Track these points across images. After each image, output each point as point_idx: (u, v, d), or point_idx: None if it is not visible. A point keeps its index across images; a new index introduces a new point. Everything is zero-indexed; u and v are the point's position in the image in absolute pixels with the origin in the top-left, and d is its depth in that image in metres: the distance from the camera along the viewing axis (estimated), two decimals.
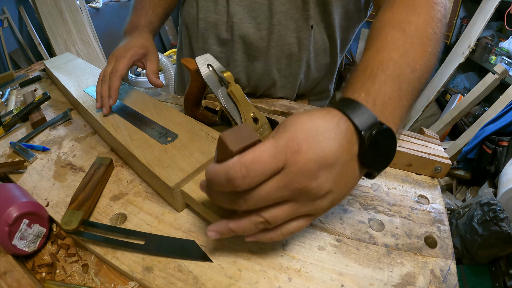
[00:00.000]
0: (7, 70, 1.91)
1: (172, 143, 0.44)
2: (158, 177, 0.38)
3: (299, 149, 0.24)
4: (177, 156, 0.41)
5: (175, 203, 0.39)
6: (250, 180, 0.24)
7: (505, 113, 1.40)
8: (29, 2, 1.93)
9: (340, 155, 0.26)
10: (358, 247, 0.36)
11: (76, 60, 0.74)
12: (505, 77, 1.63)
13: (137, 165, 0.44)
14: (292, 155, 0.24)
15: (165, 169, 0.39)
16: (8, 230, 0.33)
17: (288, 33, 0.59)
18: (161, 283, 0.32)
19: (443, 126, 1.84)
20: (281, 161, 0.24)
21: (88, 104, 0.55)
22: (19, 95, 0.71)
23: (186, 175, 0.38)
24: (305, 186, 0.25)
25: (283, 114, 0.61)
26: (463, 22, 2.24)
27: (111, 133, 0.47)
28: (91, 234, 0.36)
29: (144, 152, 0.42)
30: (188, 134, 0.46)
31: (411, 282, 0.33)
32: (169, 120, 0.50)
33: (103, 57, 2.17)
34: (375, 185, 0.46)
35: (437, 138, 0.55)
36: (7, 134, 0.56)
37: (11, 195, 0.36)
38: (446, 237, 0.38)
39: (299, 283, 0.32)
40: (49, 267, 0.34)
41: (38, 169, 0.47)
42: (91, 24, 2.24)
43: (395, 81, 0.30)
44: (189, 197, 0.38)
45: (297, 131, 0.25)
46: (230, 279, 0.32)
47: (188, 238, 0.36)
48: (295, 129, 0.26)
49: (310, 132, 0.25)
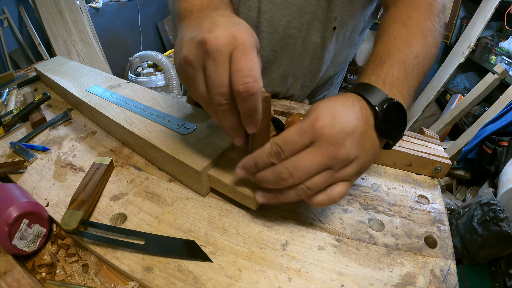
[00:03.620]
0: (7, 70, 1.91)
1: (191, 133, 0.46)
2: (184, 164, 0.40)
3: (322, 125, 0.29)
4: (198, 144, 0.43)
5: (201, 187, 0.41)
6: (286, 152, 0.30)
7: (505, 113, 1.40)
8: (29, 2, 1.93)
9: (359, 126, 0.31)
10: (358, 247, 0.36)
11: (70, 63, 0.74)
12: (505, 77, 1.63)
13: (157, 156, 0.45)
14: (317, 131, 0.29)
15: (189, 156, 0.41)
16: (8, 230, 0.33)
17: (314, 32, 0.60)
18: (161, 283, 0.32)
19: (443, 126, 1.84)
20: (307, 137, 0.30)
21: (94, 102, 0.55)
22: (19, 95, 0.71)
23: (211, 160, 0.40)
24: (336, 153, 0.29)
25: (283, 114, 0.61)
26: (463, 22, 2.24)
27: (126, 128, 0.47)
28: (91, 234, 0.36)
29: (165, 142, 0.44)
30: (205, 124, 0.48)
31: (411, 282, 0.33)
32: (182, 112, 0.51)
33: (103, 57, 2.17)
34: (375, 185, 0.46)
35: (437, 138, 0.55)
36: (7, 134, 0.56)
37: (11, 195, 0.36)
38: (446, 237, 0.38)
39: (299, 283, 0.32)
40: (49, 267, 0.34)
41: (38, 169, 0.47)
42: (91, 24, 2.24)
43: (400, 66, 0.35)
44: (215, 180, 0.40)
45: (320, 113, 0.30)
46: (230, 279, 0.32)
47: (188, 238, 0.36)
48: (317, 112, 0.30)
49: (329, 112, 0.30)
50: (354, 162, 0.31)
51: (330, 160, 0.30)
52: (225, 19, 0.32)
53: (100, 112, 0.52)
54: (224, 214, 0.40)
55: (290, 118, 0.43)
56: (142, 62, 2.41)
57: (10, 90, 0.72)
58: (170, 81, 2.29)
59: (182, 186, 0.44)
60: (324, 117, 0.30)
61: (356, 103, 0.32)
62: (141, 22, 2.77)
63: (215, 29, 0.29)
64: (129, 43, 2.73)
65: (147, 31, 2.91)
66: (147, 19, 2.85)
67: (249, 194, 0.37)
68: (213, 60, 0.29)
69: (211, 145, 0.43)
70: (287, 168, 0.30)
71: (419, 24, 0.39)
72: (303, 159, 0.30)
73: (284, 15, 0.58)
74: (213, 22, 0.31)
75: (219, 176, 0.40)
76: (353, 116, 0.31)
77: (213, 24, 0.30)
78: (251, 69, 0.28)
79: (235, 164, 0.40)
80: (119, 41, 2.62)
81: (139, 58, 2.39)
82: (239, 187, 0.38)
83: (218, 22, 0.31)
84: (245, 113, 0.30)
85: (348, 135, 0.30)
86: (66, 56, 1.87)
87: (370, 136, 0.32)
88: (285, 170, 0.30)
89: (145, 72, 2.34)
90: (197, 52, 0.30)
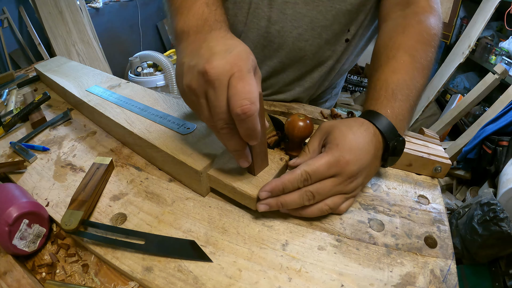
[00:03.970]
0: (7, 70, 1.91)
1: (191, 133, 0.46)
2: (184, 164, 0.40)
3: (347, 163, 0.36)
4: (198, 144, 0.44)
5: (201, 187, 0.41)
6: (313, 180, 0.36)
7: (505, 113, 1.40)
8: (29, 2, 1.93)
9: (372, 161, 0.38)
10: (358, 247, 0.36)
11: (70, 63, 0.74)
12: (505, 77, 1.63)
13: (157, 156, 0.45)
14: (342, 167, 0.36)
15: (189, 156, 0.41)
16: (8, 230, 0.33)
17: (325, 45, 0.59)
18: (161, 283, 0.32)
19: (443, 126, 1.84)
20: (333, 171, 0.36)
21: (94, 102, 0.55)
22: (19, 95, 0.71)
23: (211, 160, 0.41)
24: (351, 182, 0.37)
25: (283, 114, 0.61)
26: (463, 22, 2.24)
27: (126, 128, 0.47)
28: (91, 234, 0.36)
29: (165, 142, 0.44)
30: (205, 124, 0.47)
31: (411, 282, 0.33)
32: (182, 112, 0.51)
33: (103, 57, 2.17)
34: (375, 185, 0.46)
35: (437, 138, 0.55)
36: (7, 134, 0.56)
37: (11, 195, 0.36)
38: (446, 237, 0.38)
39: (299, 283, 0.32)
40: (49, 267, 0.34)
41: (38, 169, 0.47)
42: (91, 24, 2.24)
43: (406, 101, 0.41)
44: (215, 180, 0.40)
45: (345, 149, 0.36)
46: (230, 279, 0.32)
47: (188, 238, 0.36)
48: (343, 147, 0.36)
49: (354, 149, 0.36)
50: (360, 185, 0.39)
51: (345, 187, 0.37)
52: (221, 45, 0.33)
53: (100, 112, 0.52)
54: (224, 214, 0.40)
55: (290, 118, 0.43)
56: (142, 62, 2.41)
57: (10, 90, 0.72)
58: (170, 81, 2.29)
59: (182, 186, 0.44)
60: (349, 155, 0.36)
61: (374, 138, 0.38)
62: (141, 22, 2.77)
63: (212, 58, 0.31)
64: (129, 43, 2.73)
65: (147, 31, 2.91)
66: (147, 19, 2.85)
67: (249, 194, 0.37)
68: (213, 89, 0.31)
69: (211, 145, 0.43)
70: (312, 192, 0.36)
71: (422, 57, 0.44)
72: (326, 186, 0.36)
73: (296, 27, 0.56)
74: (210, 50, 0.33)
75: (219, 176, 0.39)
76: (371, 153, 0.37)
77: (210, 52, 0.32)
78: (248, 92, 0.30)
79: (235, 164, 0.40)
80: (119, 41, 2.62)
81: (139, 58, 2.39)
82: (239, 187, 0.38)
83: (215, 50, 0.32)
84: (245, 133, 0.32)
85: (363, 170, 0.37)
86: (66, 56, 1.87)
87: (376, 165, 0.40)
88: (310, 194, 0.36)
89: (145, 72, 2.34)
90: (199, 81, 0.32)
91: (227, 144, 0.35)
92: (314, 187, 0.36)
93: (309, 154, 0.40)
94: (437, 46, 0.46)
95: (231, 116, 0.31)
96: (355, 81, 2.71)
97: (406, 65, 0.43)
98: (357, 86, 2.73)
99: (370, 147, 0.37)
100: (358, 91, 2.73)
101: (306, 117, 0.43)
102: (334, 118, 0.59)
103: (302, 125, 0.42)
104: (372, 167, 0.39)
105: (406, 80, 0.41)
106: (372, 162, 0.38)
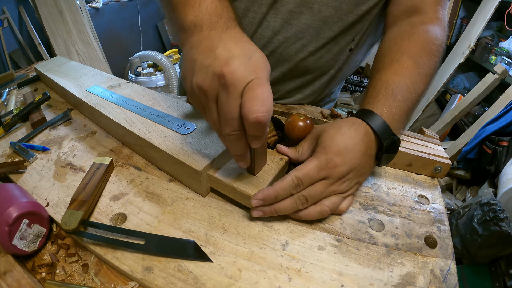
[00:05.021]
0: (7, 70, 1.91)
1: (191, 133, 0.46)
2: (184, 164, 0.40)
3: (336, 165, 0.36)
4: (198, 144, 0.43)
5: (201, 187, 0.41)
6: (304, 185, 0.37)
7: (505, 113, 1.40)
8: (29, 2, 1.93)
9: (364, 160, 0.38)
10: (358, 247, 0.36)
11: (70, 63, 0.74)
12: (505, 77, 1.63)
13: (157, 156, 0.45)
14: (332, 170, 0.36)
15: (189, 156, 0.41)
16: (8, 230, 0.33)
17: (329, 56, 0.58)
18: (161, 283, 0.32)
19: (443, 126, 1.84)
20: (323, 174, 0.36)
21: (94, 102, 0.55)
22: (19, 95, 0.71)
23: (211, 160, 0.41)
24: (342, 182, 0.38)
25: (283, 114, 0.61)
26: (463, 22, 2.24)
27: (126, 128, 0.47)
28: (91, 234, 0.36)
29: (165, 142, 0.44)
30: (205, 124, 0.48)
31: (411, 282, 0.33)
32: (182, 112, 0.51)
33: (103, 57, 2.17)
34: (375, 185, 0.46)
35: (437, 138, 0.55)
36: (7, 134, 0.56)
37: (11, 195, 0.36)
38: (446, 237, 0.39)
39: (299, 283, 0.32)
40: (49, 267, 0.34)
41: (38, 169, 0.47)
42: (91, 24, 2.24)
43: (405, 102, 0.41)
44: (215, 180, 0.40)
45: (333, 151, 0.37)
46: (230, 279, 0.32)
47: (188, 238, 0.36)
48: (331, 149, 0.37)
49: (342, 150, 0.37)
50: (356, 183, 0.40)
51: (338, 187, 0.38)
52: (239, 48, 0.32)
53: (100, 112, 0.52)
54: (224, 214, 0.40)
55: (290, 118, 0.43)
56: (142, 62, 2.41)
57: (10, 90, 0.72)
58: (170, 81, 2.29)
59: (182, 186, 0.44)
60: (337, 157, 0.36)
61: (365, 138, 0.38)
62: (141, 22, 2.77)
63: (231, 61, 0.30)
64: (129, 43, 2.73)
65: (147, 31, 2.91)
66: (147, 19, 2.85)
67: (249, 194, 0.37)
68: (227, 94, 0.29)
69: (211, 145, 0.43)
70: (304, 196, 0.37)
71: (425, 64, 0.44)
72: (318, 189, 0.37)
73: (300, 38, 0.55)
74: (228, 51, 0.31)
75: (219, 176, 0.40)
76: (362, 152, 0.37)
77: (229, 54, 0.31)
78: (267, 99, 0.29)
79: (235, 164, 0.40)
80: (119, 41, 2.62)
81: (139, 58, 2.39)
82: (239, 187, 0.38)
83: (234, 53, 0.31)
84: (252, 137, 0.31)
85: (354, 169, 0.37)
86: (66, 56, 1.87)
87: (369, 164, 0.40)
88: (303, 198, 0.37)
89: (145, 72, 2.34)
90: (213, 83, 0.30)
91: (230, 148, 0.34)
92: (306, 191, 0.37)
93: (297, 153, 0.42)
94: (441, 57, 0.47)
95: (240, 123, 0.30)
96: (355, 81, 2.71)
97: (409, 69, 0.43)
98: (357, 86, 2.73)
99: (360, 146, 0.37)
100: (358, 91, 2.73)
101: (306, 117, 0.43)
102: (334, 118, 0.59)
103: (302, 125, 0.42)
104: (365, 165, 0.39)
105: (408, 83, 0.42)
106: (363, 161, 0.38)
